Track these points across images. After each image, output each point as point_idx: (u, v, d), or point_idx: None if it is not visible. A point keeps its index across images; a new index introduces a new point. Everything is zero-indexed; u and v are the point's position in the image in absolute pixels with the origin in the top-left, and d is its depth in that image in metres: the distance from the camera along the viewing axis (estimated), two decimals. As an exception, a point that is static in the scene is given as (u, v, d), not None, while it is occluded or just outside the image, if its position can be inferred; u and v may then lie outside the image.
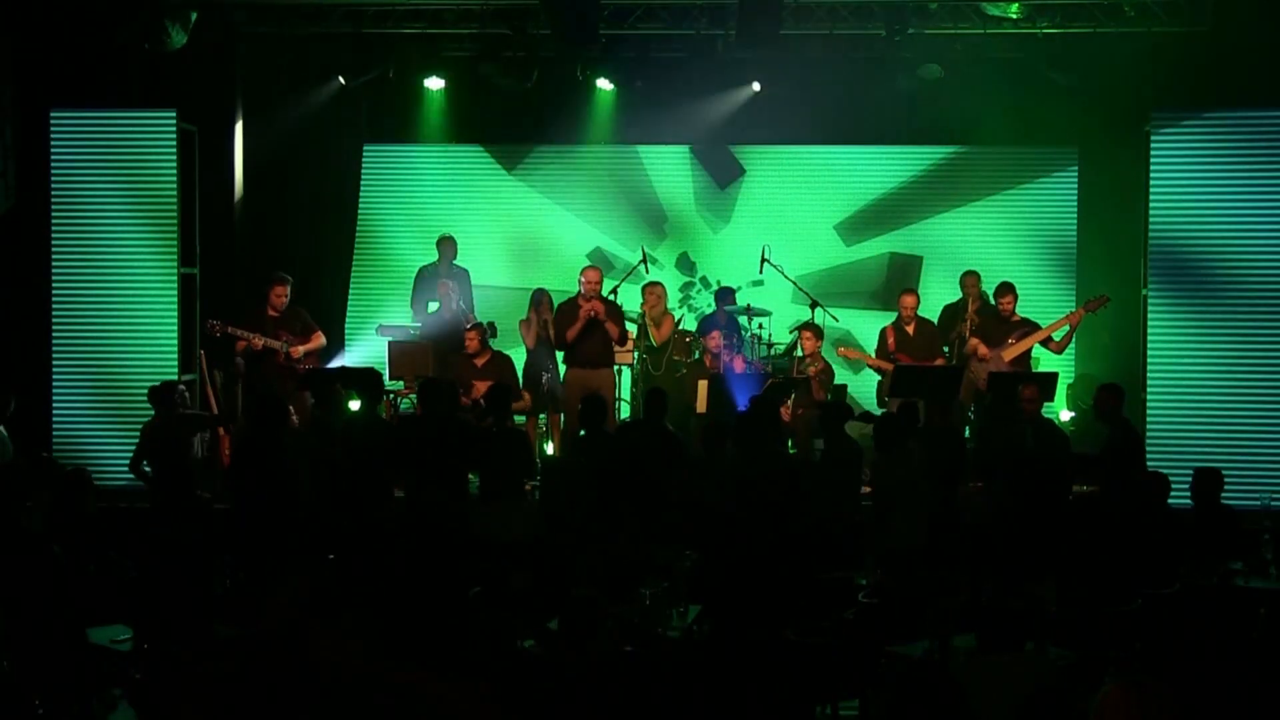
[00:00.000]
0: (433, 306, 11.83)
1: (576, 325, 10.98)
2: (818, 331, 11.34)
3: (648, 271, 12.14)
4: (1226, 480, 8.23)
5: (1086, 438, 10.79)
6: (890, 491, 8.51)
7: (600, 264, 12.43)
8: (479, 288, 12.25)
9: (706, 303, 13.17)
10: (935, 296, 12.16)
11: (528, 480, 9.51)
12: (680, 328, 12.26)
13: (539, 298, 11.54)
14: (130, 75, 11.73)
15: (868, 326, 12.34)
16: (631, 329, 11.78)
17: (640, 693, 5.50)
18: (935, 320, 11.75)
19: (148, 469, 9.76)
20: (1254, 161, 10.79)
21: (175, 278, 11.24)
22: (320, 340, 11.13)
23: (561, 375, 11.36)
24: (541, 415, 11.42)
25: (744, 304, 12.09)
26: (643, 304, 11.78)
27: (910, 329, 11.33)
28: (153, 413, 10.00)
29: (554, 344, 11.22)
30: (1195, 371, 10.75)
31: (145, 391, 10.16)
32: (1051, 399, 10.58)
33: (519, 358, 11.49)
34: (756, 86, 12.69)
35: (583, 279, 11.19)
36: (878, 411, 11.32)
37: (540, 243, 13.47)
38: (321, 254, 13.22)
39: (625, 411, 11.95)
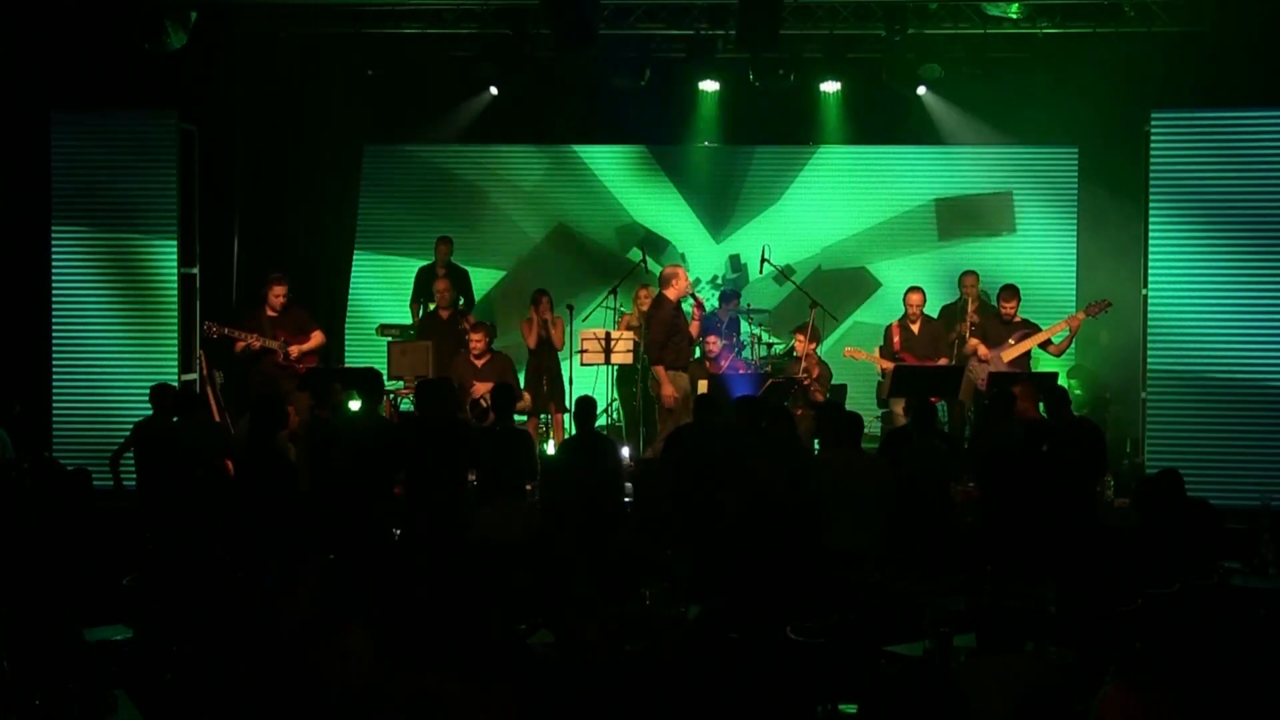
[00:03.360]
0: (431, 306, 11.84)
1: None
2: (810, 334, 11.31)
3: (647, 271, 12.13)
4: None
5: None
6: (834, 489, 8.27)
7: (599, 265, 12.37)
8: (478, 288, 12.26)
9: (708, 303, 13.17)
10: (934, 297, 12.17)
11: (528, 480, 9.50)
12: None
13: (539, 297, 11.54)
14: (130, 75, 11.71)
15: (869, 326, 12.35)
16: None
17: (640, 693, 5.50)
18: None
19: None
20: (1254, 161, 10.79)
21: (175, 278, 11.23)
22: (319, 339, 11.09)
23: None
24: (542, 415, 11.41)
25: (745, 304, 12.08)
26: (636, 304, 11.78)
27: (915, 327, 11.30)
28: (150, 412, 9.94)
29: (647, 347, 11.01)
30: (1195, 371, 10.74)
31: (146, 391, 10.11)
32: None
33: (519, 358, 11.50)
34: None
35: (681, 280, 10.98)
36: (878, 412, 11.34)
37: (541, 242, 13.50)
38: (321, 254, 13.21)
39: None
